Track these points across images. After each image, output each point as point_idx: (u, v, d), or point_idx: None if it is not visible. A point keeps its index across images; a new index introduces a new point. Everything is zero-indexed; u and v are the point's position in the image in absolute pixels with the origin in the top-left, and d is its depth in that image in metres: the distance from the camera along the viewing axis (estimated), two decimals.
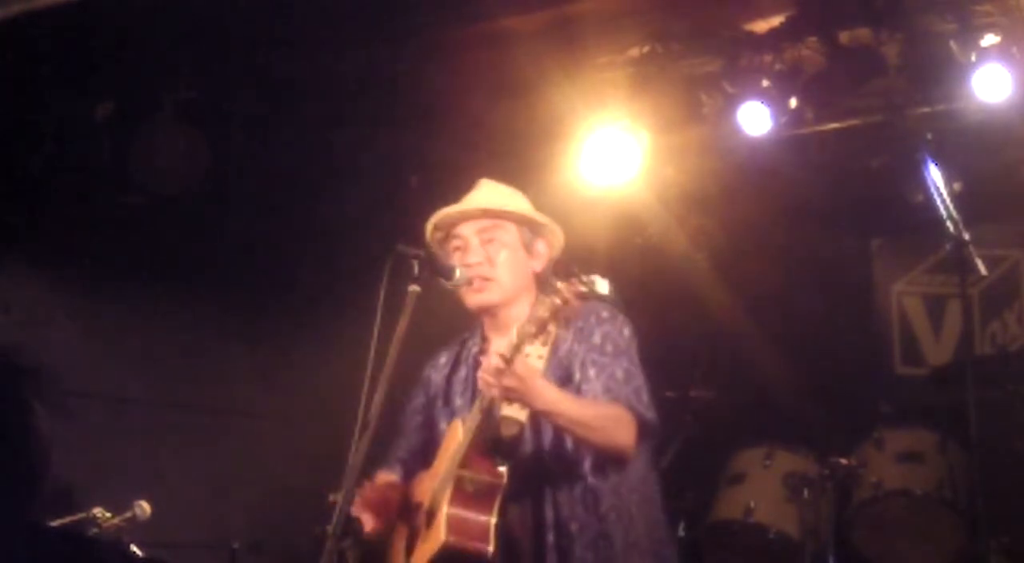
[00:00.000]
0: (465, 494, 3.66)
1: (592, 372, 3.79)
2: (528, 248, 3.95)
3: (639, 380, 3.84)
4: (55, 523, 4.82)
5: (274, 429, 6.75)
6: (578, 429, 3.69)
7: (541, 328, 3.45)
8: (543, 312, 3.44)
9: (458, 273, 3.77)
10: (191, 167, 6.34)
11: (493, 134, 6.49)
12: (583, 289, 3.44)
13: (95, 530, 4.85)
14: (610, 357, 3.81)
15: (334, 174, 6.82)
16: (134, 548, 4.88)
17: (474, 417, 3.66)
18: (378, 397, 3.49)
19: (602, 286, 3.47)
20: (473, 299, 3.93)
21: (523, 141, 6.40)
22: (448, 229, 3.98)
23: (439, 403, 4.06)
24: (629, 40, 6.15)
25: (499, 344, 3.96)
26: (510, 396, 3.57)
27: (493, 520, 3.63)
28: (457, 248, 3.93)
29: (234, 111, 6.50)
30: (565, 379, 3.78)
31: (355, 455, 3.44)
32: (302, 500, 4.93)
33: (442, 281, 3.77)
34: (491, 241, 3.90)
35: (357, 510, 3.87)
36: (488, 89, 6.20)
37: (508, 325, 3.92)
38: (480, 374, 3.58)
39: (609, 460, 3.80)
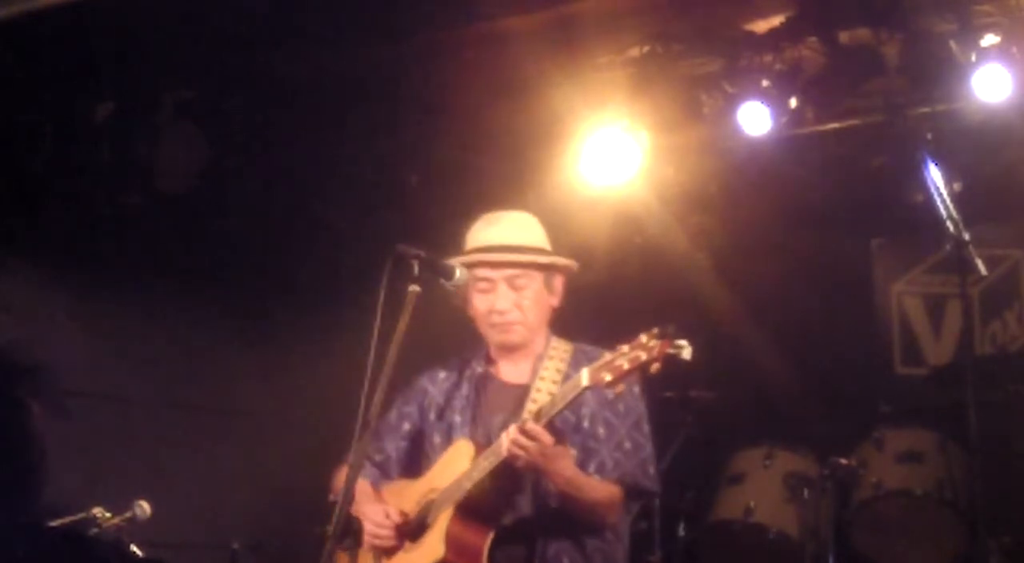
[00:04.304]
0: (466, 516, 3.69)
1: (602, 431, 3.83)
2: (549, 287, 4.00)
3: (647, 451, 3.91)
4: (55, 523, 4.83)
5: (274, 429, 6.75)
6: (579, 508, 3.76)
7: (618, 378, 3.42)
8: (623, 363, 3.40)
9: (458, 273, 3.77)
10: (190, 167, 6.35)
11: (493, 134, 6.49)
12: (671, 352, 3.40)
13: (95, 530, 4.86)
14: (620, 418, 3.85)
15: (334, 174, 6.82)
16: (134, 548, 4.89)
17: (491, 460, 3.65)
18: (378, 397, 3.49)
19: (687, 353, 3.42)
20: (497, 338, 3.98)
21: (523, 141, 6.40)
22: (470, 265, 3.95)
23: (432, 416, 4.07)
24: (629, 40, 6.15)
25: (509, 371, 4.01)
26: (533, 468, 3.62)
27: (487, 546, 3.67)
28: (483, 290, 3.95)
29: (234, 111, 6.51)
30: (569, 421, 3.80)
31: (355, 455, 3.44)
32: (302, 500, 4.93)
33: (442, 281, 3.77)
34: (519, 288, 3.93)
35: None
36: (488, 89, 6.20)
37: (522, 355, 3.99)
38: (514, 437, 3.55)
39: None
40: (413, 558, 3.77)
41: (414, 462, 4.07)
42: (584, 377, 3.48)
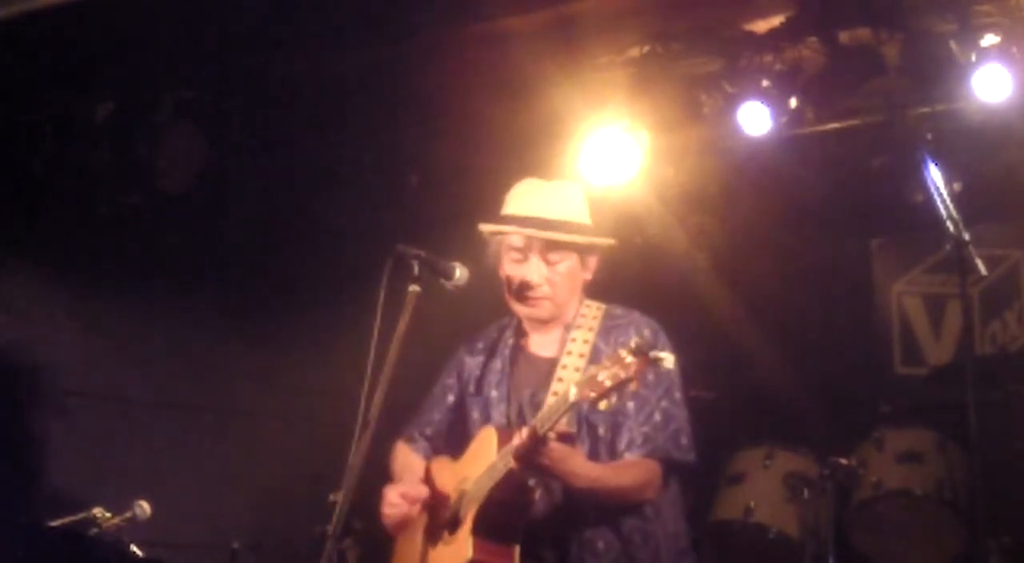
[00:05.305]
0: (492, 515, 3.66)
1: (631, 405, 3.78)
2: (583, 263, 3.97)
3: (679, 420, 3.86)
4: (55, 523, 4.83)
5: (274, 429, 6.76)
6: (611, 496, 3.74)
7: (601, 395, 3.38)
8: (606, 380, 3.36)
9: (458, 273, 3.76)
10: (191, 167, 6.35)
11: (493, 134, 6.49)
12: (649, 367, 3.39)
13: (95, 530, 4.86)
14: (651, 389, 3.80)
15: (334, 174, 6.82)
16: (134, 548, 4.89)
17: (506, 461, 3.60)
18: (378, 397, 3.50)
19: (668, 363, 3.40)
20: (525, 312, 3.97)
21: (523, 141, 6.40)
22: (504, 231, 3.94)
23: (471, 389, 4.06)
24: (629, 40, 6.15)
25: (539, 343, 3.99)
26: (543, 474, 3.60)
27: (518, 543, 3.64)
28: (515, 260, 3.92)
29: (234, 111, 6.51)
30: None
31: (355, 455, 3.44)
32: (302, 500, 4.93)
33: (442, 281, 3.77)
34: (552, 262, 3.90)
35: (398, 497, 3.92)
36: (488, 89, 6.20)
37: (552, 325, 3.97)
38: (514, 445, 3.53)
39: None
40: (447, 554, 3.77)
41: (459, 436, 4.05)
42: (572, 393, 3.44)
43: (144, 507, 4.95)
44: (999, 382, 5.61)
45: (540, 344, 4.00)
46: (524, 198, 3.97)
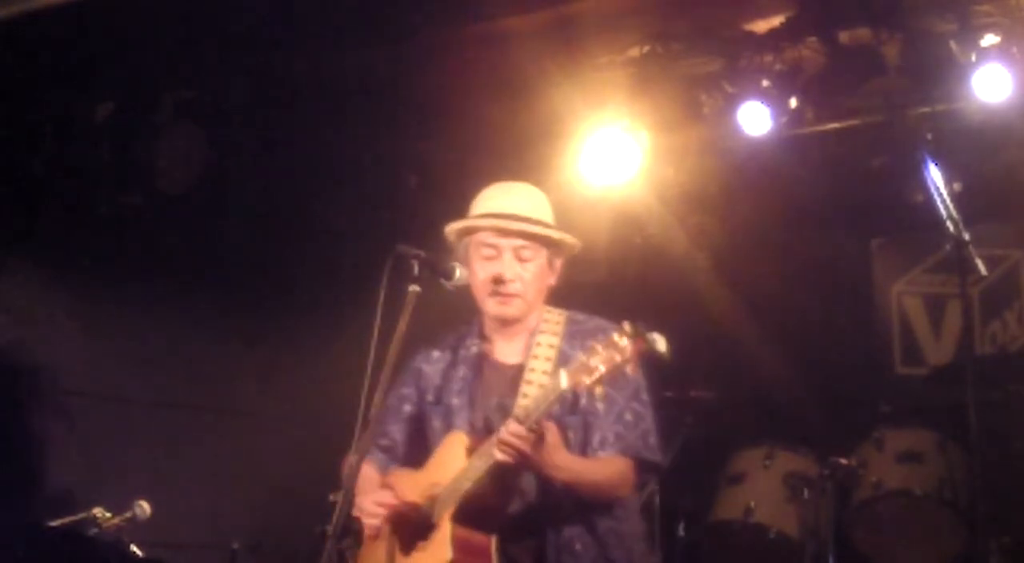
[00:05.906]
0: (469, 515, 3.66)
1: (600, 406, 3.78)
2: (551, 264, 3.98)
3: (647, 421, 3.87)
4: (55, 523, 4.84)
5: (274, 429, 6.76)
6: (590, 491, 3.75)
7: (596, 381, 3.39)
8: (599, 365, 3.37)
9: (458, 273, 3.76)
10: (191, 167, 6.35)
11: (493, 134, 6.49)
12: (645, 348, 3.39)
13: (95, 530, 4.86)
14: (619, 390, 3.81)
15: (334, 174, 6.82)
16: (134, 548, 4.89)
17: (484, 460, 3.62)
18: (378, 397, 3.50)
19: (661, 345, 3.39)
20: (497, 310, 3.95)
21: (523, 141, 6.40)
22: (476, 230, 3.97)
23: (430, 398, 4.04)
24: (629, 40, 6.15)
25: (504, 349, 3.98)
26: (528, 466, 3.60)
27: (494, 542, 3.65)
28: (487, 258, 3.93)
29: (234, 111, 6.51)
30: (567, 400, 3.75)
31: (355, 455, 3.44)
32: (302, 500, 4.93)
33: (442, 281, 3.77)
34: (524, 260, 3.91)
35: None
36: (488, 89, 6.20)
37: (516, 331, 3.96)
38: (501, 436, 3.54)
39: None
40: (423, 559, 3.76)
41: (418, 447, 4.04)
42: (563, 380, 3.45)
43: (144, 507, 4.95)
44: (999, 382, 5.62)
45: (505, 351, 3.99)
46: (494, 198, 4.00)
